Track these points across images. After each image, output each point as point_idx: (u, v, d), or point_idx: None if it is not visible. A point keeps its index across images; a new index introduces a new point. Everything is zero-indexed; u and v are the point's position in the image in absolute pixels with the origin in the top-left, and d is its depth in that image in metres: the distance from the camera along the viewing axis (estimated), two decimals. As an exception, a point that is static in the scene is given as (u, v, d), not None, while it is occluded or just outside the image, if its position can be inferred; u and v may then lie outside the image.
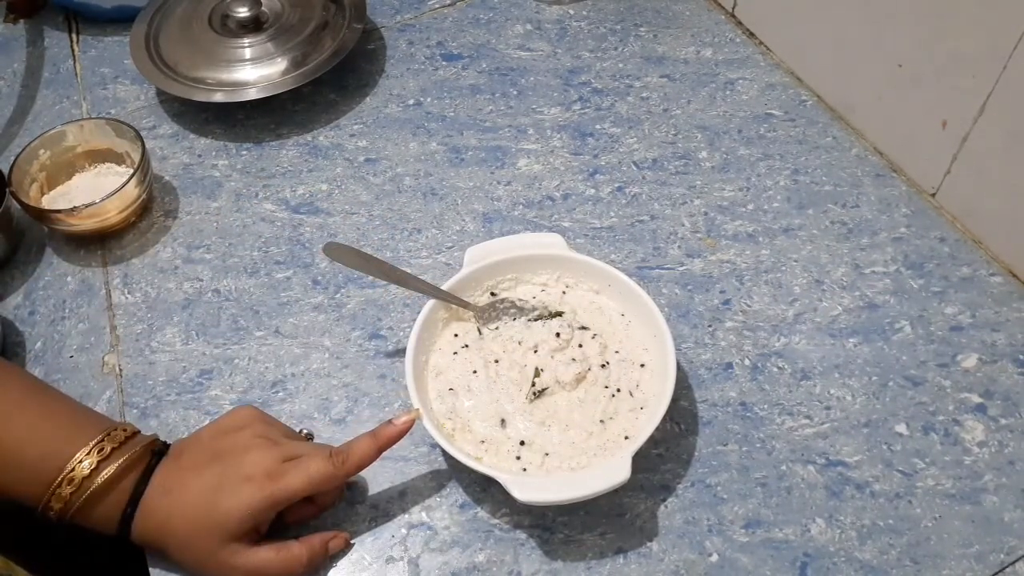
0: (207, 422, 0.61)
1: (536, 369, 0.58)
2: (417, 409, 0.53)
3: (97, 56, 0.89)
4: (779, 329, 0.64)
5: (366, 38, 0.88)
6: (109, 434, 0.52)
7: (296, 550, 0.52)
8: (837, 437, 0.58)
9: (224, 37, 0.82)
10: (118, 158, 0.75)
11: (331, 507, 0.56)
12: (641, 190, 0.73)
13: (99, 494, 0.50)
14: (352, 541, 0.55)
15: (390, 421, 0.53)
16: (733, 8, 0.87)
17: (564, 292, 0.63)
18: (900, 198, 0.72)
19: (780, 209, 0.71)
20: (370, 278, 0.68)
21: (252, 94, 0.78)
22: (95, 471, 0.50)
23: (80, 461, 0.50)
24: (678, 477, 0.57)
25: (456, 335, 0.61)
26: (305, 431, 0.59)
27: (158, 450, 0.54)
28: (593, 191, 0.74)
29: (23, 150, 0.71)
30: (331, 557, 0.54)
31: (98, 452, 0.50)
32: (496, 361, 0.59)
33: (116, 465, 0.50)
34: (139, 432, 0.54)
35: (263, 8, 0.83)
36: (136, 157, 0.72)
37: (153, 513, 0.51)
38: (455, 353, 0.60)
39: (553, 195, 0.74)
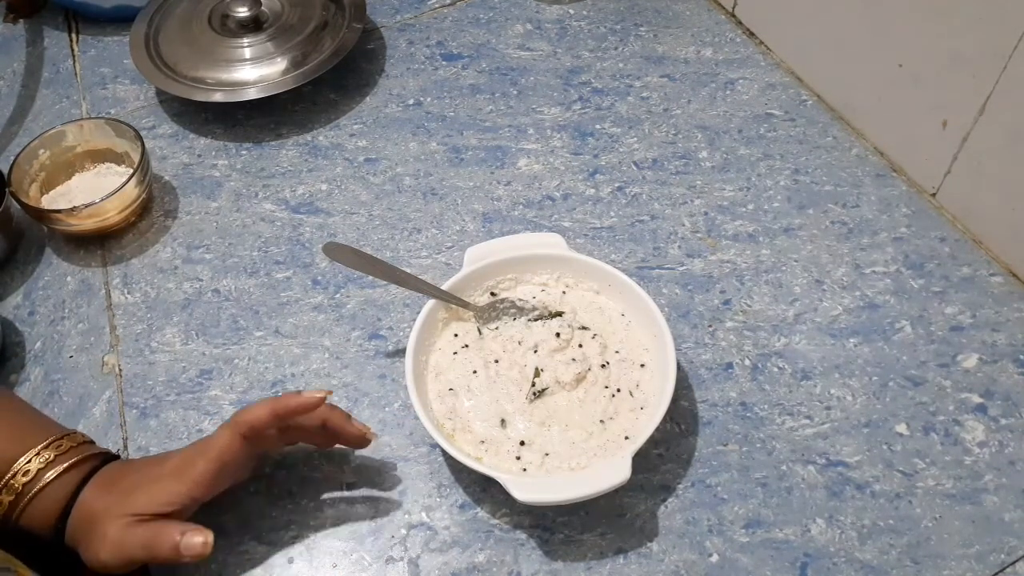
0: (206, 422, 0.61)
1: (536, 369, 0.58)
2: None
3: (97, 56, 0.89)
4: (779, 329, 0.64)
5: (366, 38, 0.88)
6: (56, 441, 0.51)
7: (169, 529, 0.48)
8: (837, 437, 0.58)
9: (224, 37, 0.82)
10: (118, 158, 0.75)
11: (347, 437, 0.55)
12: (641, 190, 0.73)
13: (38, 498, 0.49)
14: (351, 540, 0.55)
15: (299, 392, 0.52)
16: (733, 8, 0.87)
17: (564, 292, 0.63)
18: (900, 198, 0.72)
19: (780, 209, 0.71)
20: (370, 278, 0.68)
21: (252, 94, 0.78)
22: (36, 477, 0.49)
23: (28, 461, 0.50)
24: (678, 477, 0.57)
25: (456, 335, 0.61)
26: None
27: (108, 458, 0.53)
28: (593, 191, 0.74)
29: (23, 150, 0.71)
30: (332, 559, 0.55)
31: (42, 458, 0.50)
32: (496, 361, 0.59)
33: (57, 471, 0.50)
34: (91, 442, 0.54)
35: (263, 8, 0.83)
36: (136, 157, 0.72)
37: (81, 511, 0.50)
38: (455, 353, 0.60)
39: (553, 195, 0.74)
